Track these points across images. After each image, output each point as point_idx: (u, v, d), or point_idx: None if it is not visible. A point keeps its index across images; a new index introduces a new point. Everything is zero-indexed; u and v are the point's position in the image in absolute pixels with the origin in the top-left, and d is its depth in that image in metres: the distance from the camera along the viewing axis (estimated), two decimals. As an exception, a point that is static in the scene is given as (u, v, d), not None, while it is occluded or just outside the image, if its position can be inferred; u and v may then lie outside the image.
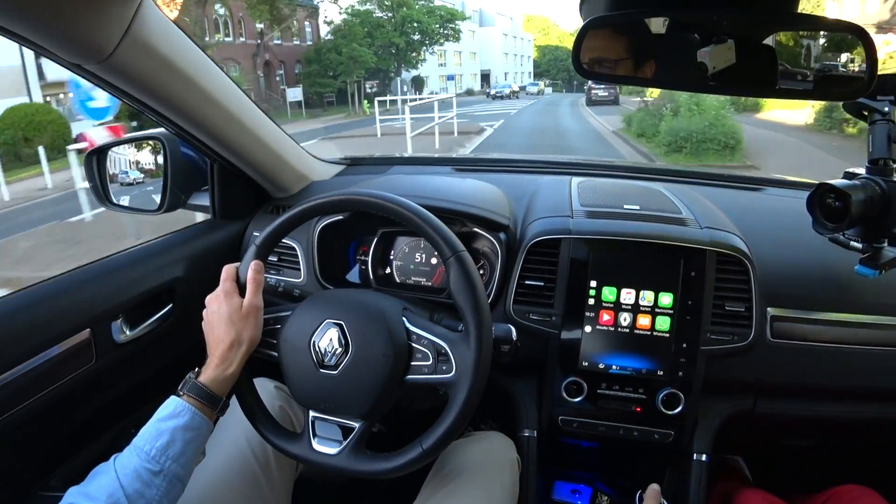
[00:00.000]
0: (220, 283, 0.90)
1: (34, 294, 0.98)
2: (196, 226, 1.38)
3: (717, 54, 0.77)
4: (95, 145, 1.37)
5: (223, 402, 0.85)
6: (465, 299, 0.80)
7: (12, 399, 0.90)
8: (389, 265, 1.30)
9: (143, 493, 0.72)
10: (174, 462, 0.76)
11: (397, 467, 0.81)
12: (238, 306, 0.87)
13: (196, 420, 0.79)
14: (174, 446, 0.76)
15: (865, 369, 1.12)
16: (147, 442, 0.76)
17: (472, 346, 0.79)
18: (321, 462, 0.85)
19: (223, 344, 0.85)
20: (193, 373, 0.84)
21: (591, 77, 0.83)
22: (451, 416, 0.79)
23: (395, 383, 0.82)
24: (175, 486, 0.77)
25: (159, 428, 0.77)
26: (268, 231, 0.92)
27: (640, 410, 1.11)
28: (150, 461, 0.74)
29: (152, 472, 0.74)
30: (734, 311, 1.06)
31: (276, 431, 0.90)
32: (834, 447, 1.47)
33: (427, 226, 0.83)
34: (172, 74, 0.93)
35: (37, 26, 0.72)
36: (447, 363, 0.81)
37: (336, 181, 1.57)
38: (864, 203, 0.91)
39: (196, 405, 0.80)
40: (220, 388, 0.83)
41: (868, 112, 0.97)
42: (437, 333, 0.83)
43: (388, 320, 0.83)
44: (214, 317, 0.87)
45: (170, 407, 0.80)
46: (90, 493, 0.71)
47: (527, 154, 7.62)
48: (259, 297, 0.89)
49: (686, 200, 1.25)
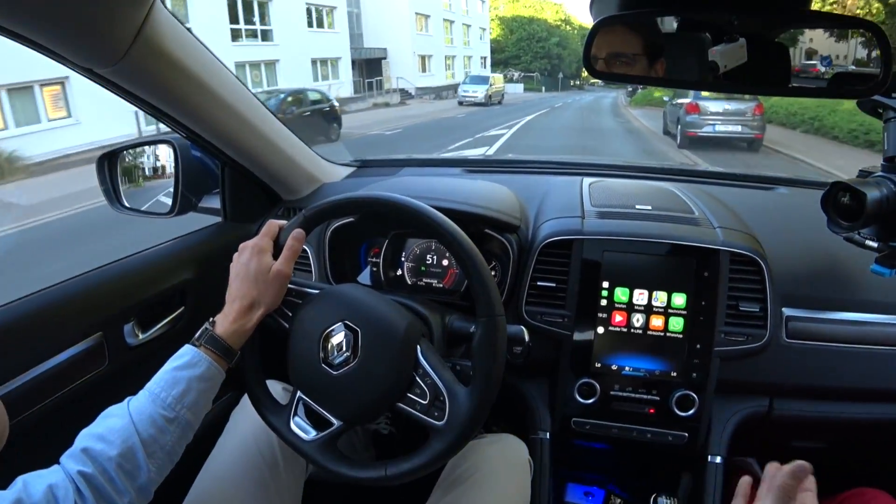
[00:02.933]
0: (258, 235, 0.89)
1: (46, 297, 0.98)
2: (207, 228, 1.38)
3: (729, 53, 0.77)
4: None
5: (238, 355, 0.85)
6: (483, 365, 0.79)
7: (26, 402, 0.91)
8: (401, 267, 1.29)
9: (157, 438, 0.73)
10: (188, 410, 0.77)
11: (354, 477, 0.81)
12: (267, 267, 0.85)
13: (211, 371, 0.80)
14: (189, 395, 0.77)
15: (882, 370, 1.10)
16: (163, 389, 0.76)
17: (471, 409, 0.77)
18: (292, 441, 0.85)
19: (244, 300, 0.84)
20: (209, 323, 0.84)
21: (602, 77, 0.83)
22: (421, 458, 0.79)
23: (386, 405, 0.82)
24: (186, 434, 0.78)
25: (175, 376, 0.78)
26: (320, 205, 0.90)
27: (654, 412, 1.10)
28: (165, 408, 0.75)
29: (167, 419, 0.74)
30: (748, 311, 1.05)
31: (263, 397, 0.90)
32: (848, 449, 1.46)
33: (478, 275, 0.80)
34: (183, 77, 0.94)
35: (48, 31, 0.72)
36: (441, 410, 0.79)
37: (347, 183, 1.57)
38: (879, 201, 0.90)
39: (212, 356, 0.80)
40: (236, 341, 0.83)
41: (883, 110, 0.96)
42: (443, 379, 0.81)
43: (402, 345, 0.82)
44: (242, 268, 0.86)
45: (186, 356, 0.80)
46: (104, 435, 0.71)
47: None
48: (290, 265, 0.87)
49: (698, 200, 1.25)
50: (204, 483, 0.93)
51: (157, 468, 0.73)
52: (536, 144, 13.08)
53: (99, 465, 0.68)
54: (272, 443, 0.96)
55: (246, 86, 1.14)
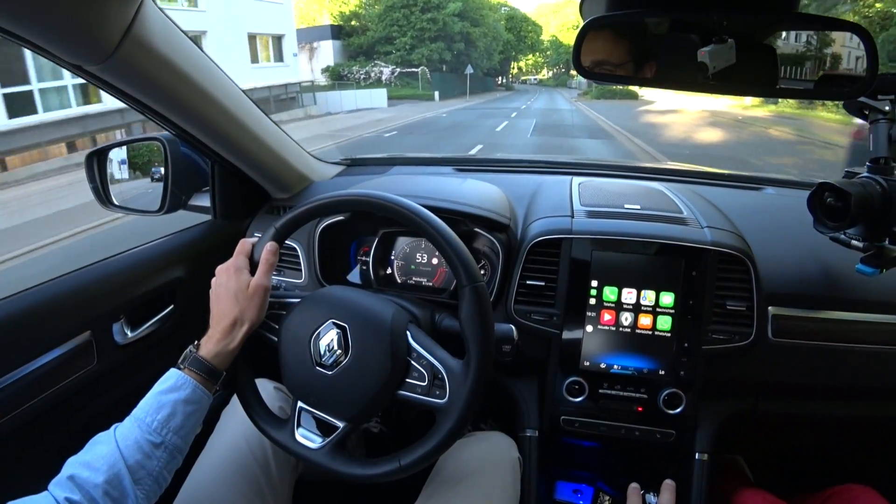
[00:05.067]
0: (233, 255, 0.89)
1: (35, 295, 0.98)
2: (197, 226, 1.38)
3: (717, 54, 0.77)
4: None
5: (223, 377, 0.85)
6: (473, 332, 0.79)
7: (14, 401, 0.90)
8: (390, 265, 1.30)
9: (143, 464, 0.73)
10: (175, 434, 0.76)
11: (371, 476, 0.81)
12: (246, 284, 0.86)
13: (197, 393, 0.80)
14: (175, 419, 0.77)
15: (866, 368, 1.12)
16: (148, 414, 0.76)
17: (470, 379, 0.78)
18: (300, 453, 0.85)
19: (226, 319, 0.84)
20: (194, 346, 0.84)
21: (592, 77, 0.83)
22: (433, 440, 0.79)
23: (387, 395, 0.82)
24: (175, 458, 0.77)
25: (160, 400, 0.77)
26: (290, 215, 0.91)
27: (642, 410, 1.11)
28: (151, 433, 0.74)
29: (154, 444, 0.74)
30: (735, 310, 1.06)
31: (263, 415, 0.90)
32: (834, 446, 1.47)
33: (450, 248, 0.82)
34: (173, 75, 0.93)
35: (37, 27, 0.71)
36: (441, 388, 0.80)
37: (337, 181, 1.57)
38: (864, 202, 0.92)
39: (197, 379, 0.80)
40: (220, 362, 0.83)
41: (869, 111, 0.97)
42: (438, 357, 0.82)
43: (391, 332, 0.83)
44: (221, 290, 0.87)
45: (171, 379, 0.80)
46: (90, 462, 0.70)
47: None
48: (268, 278, 0.89)
49: (687, 200, 1.25)
50: (195, 482, 0.92)
51: (145, 494, 0.73)
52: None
53: (86, 493, 0.68)
54: (263, 442, 0.96)
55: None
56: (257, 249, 0.90)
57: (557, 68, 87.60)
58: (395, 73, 33.05)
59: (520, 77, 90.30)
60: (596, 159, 2.01)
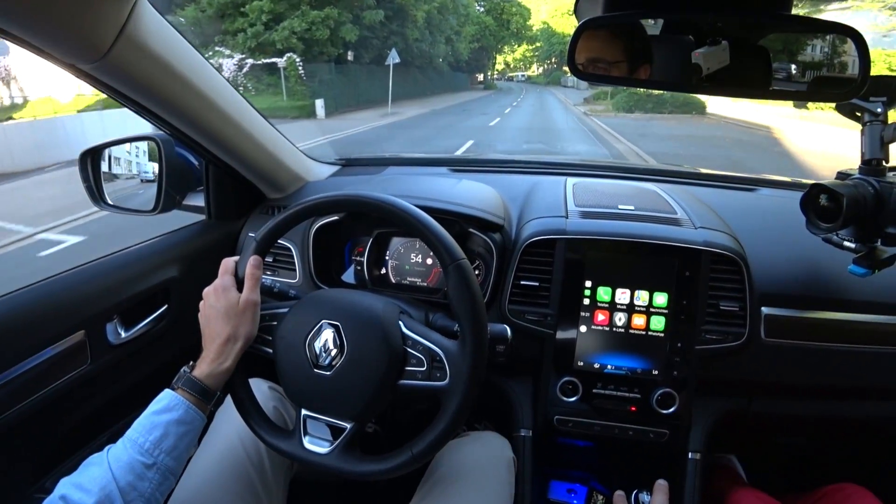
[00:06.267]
0: (218, 277, 0.90)
1: (28, 295, 0.97)
2: (191, 226, 1.37)
3: (711, 56, 0.77)
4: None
5: (217, 397, 0.85)
6: (464, 308, 0.80)
7: (7, 401, 0.90)
8: (385, 266, 1.30)
9: (135, 485, 0.72)
10: (167, 455, 0.76)
11: (386, 470, 0.81)
12: (235, 301, 0.86)
13: (190, 414, 0.79)
14: (168, 440, 0.76)
15: (858, 368, 1.12)
16: (141, 435, 0.76)
17: (468, 355, 0.78)
18: (311, 460, 0.85)
19: (219, 339, 0.84)
20: (188, 367, 0.84)
21: (586, 78, 0.83)
22: (442, 423, 0.79)
23: (389, 387, 0.82)
24: (168, 479, 0.77)
25: (153, 421, 0.77)
26: (268, 227, 0.92)
27: (636, 410, 1.11)
28: (143, 454, 0.74)
29: (145, 465, 0.74)
30: (728, 310, 1.07)
31: (267, 428, 0.90)
32: (827, 446, 1.48)
33: (428, 231, 0.82)
34: (168, 74, 0.93)
35: (31, 26, 0.71)
36: (441, 370, 0.80)
37: (331, 182, 1.57)
38: (856, 203, 0.92)
39: (190, 399, 0.80)
40: (214, 382, 0.83)
41: (861, 113, 0.98)
42: (433, 340, 0.82)
43: (384, 324, 0.83)
44: (211, 311, 0.87)
45: (164, 400, 0.79)
46: (82, 484, 0.70)
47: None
48: (256, 292, 0.89)
49: (680, 201, 1.26)
50: (189, 482, 0.92)
51: None
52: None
53: None
54: (257, 442, 0.96)
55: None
56: (241, 266, 0.90)
57: (549, 62, 78.52)
58: (244, 67, 19.50)
59: (506, 73, 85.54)
60: (590, 160, 2.02)
